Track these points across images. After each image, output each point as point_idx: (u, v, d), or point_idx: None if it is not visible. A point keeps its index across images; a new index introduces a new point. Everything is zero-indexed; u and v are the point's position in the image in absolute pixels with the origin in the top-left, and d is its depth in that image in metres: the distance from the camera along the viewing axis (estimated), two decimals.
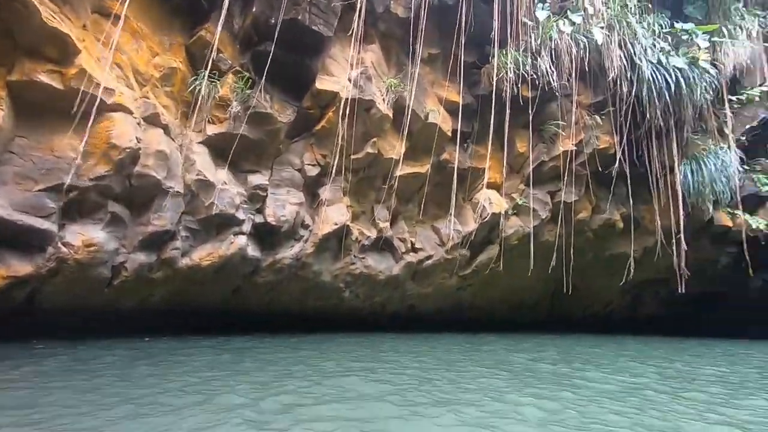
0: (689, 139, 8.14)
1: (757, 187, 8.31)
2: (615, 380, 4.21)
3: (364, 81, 6.63)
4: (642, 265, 8.83)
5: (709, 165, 8.03)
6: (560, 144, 7.86)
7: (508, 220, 8.04)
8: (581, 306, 9.94)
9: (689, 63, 7.61)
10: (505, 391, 3.57)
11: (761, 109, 8.33)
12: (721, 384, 4.20)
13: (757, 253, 8.29)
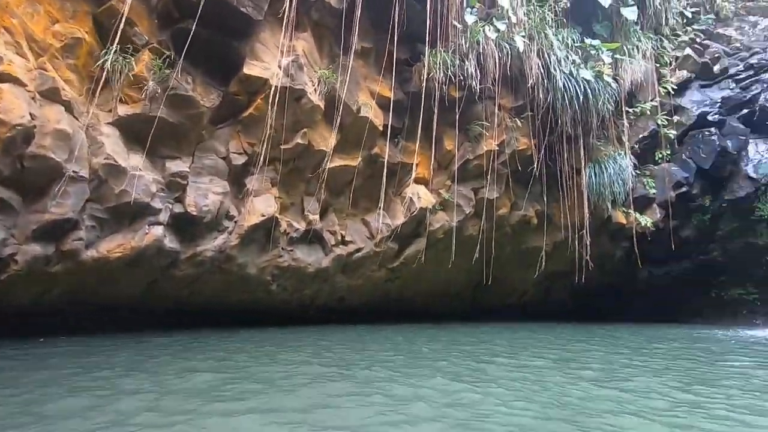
0: (593, 144, 8.71)
1: (646, 189, 9.11)
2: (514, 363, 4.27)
3: (295, 69, 6.22)
4: (553, 258, 9.33)
5: (609, 169, 8.64)
6: (484, 144, 8.01)
7: (435, 214, 8.06)
8: (501, 296, 10.31)
9: (595, 76, 8.10)
10: (418, 376, 3.46)
11: (651, 121, 9.12)
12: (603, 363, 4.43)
13: (644, 248, 9.09)
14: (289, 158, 6.62)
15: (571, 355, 4.96)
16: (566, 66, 7.94)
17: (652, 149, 9.22)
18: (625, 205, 8.96)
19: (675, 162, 9.09)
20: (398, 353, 4.89)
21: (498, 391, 3.10)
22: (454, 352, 4.98)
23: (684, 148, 9.08)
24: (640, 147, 9.11)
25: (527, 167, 8.37)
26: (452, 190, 8.14)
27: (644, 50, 8.72)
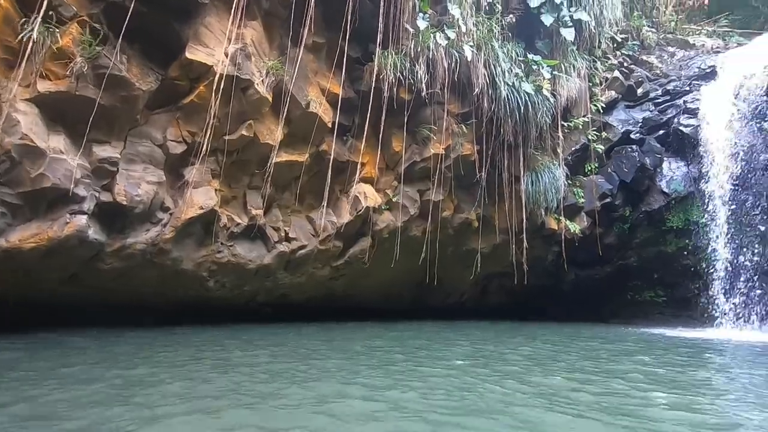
0: (532, 154, 9.10)
1: (576, 199, 9.68)
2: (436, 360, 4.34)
3: (242, 58, 5.92)
4: (490, 260, 9.65)
5: (545, 178, 9.08)
6: (431, 147, 8.10)
7: (381, 214, 8.04)
8: (443, 295, 10.51)
9: (535, 90, 8.47)
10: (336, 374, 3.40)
11: (582, 136, 9.71)
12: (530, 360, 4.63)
13: (572, 252, 9.67)
14: (232, 150, 6.30)
15: (486, 353, 5.04)
16: (510, 78, 8.23)
17: (582, 162, 9.81)
18: (557, 212, 9.45)
19: (602, 174, 9.74)
20: (333, 350, 4.78)
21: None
22: (381, 350, 4.93)
23: (610, 163, 9.75)
24: (572, 159, 9.66)
25: (470, 172, 8.58)
26: (399, 191, 8.16)
27: (579, 69, 9.25)
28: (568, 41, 8.90)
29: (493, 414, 2.56)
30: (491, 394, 3.00)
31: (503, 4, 8.46)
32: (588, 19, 9.02)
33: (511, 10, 8.65)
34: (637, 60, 10.49)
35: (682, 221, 9.46)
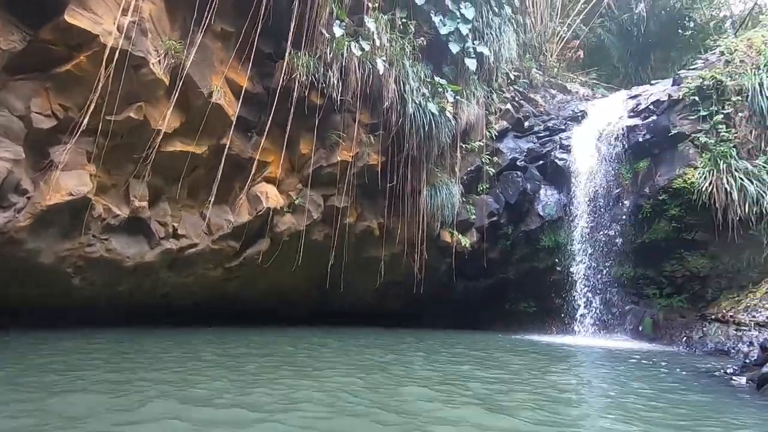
0: (432, 170, 9.59)
1: (468, 215, 10.42)
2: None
3: (137, 33, 5.30)
4: (390, 268, 9.88)
5: (442, 193, 9.62)
6: (339, 153, 8.08)
7: (283, 216, 7.76)
8: (342, 301, 10.44)
9: (439, 111, 8.96)
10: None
11: (477, 158, 10.51)
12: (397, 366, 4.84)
13: (461, 265, 10.34)
14: (116, 132, 5.56)
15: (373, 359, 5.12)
16: (417, 97, 8.60)
17: (476, 181, 10.60)
18: (451, 226, 10.05)
19: (491, 195, 10.62)
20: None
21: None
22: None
23: (498, 185, 10.70)
24: (468, 178, 10.40)
25: (375, 181, 8.73)
26: (303, 194, 7.97)
27: (478, 98, 10.04)
28: (470, 70, 9.61)
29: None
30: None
31: (416, 27, 8.85)
32: (488, 54, 9.85)
33: (422, 33, 9.08)
34: (526, 97, 11.73)
35: (553, 241, 10.71)
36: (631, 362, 5.77)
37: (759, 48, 8.52)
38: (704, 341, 7.89)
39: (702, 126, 8.72)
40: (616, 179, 10.04)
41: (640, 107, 10.06)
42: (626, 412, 3.07)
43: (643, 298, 9.78)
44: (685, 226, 8.85)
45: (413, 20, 8.79)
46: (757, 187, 7.74)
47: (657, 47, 14.95)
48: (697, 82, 8.89)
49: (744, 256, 8.20)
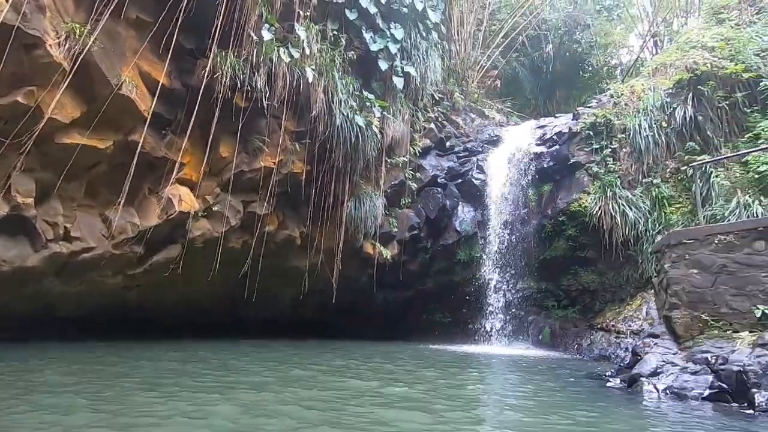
0: (357, 182, 9.70)
1: (390, 227, 10.68)
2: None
3: (32, 9, 4.72)
4: (310, 278, 9.72)
5: (366, 205, 9.76)
6: (262, 159, 7.84)
7: (198, 221, 7.31)
8: (260, 311, 10.01)
9: (366, 124, 9.13)
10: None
11: (401, 173, 10.86)
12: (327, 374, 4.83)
13: (382, 276, 10.52)
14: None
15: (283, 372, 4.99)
16: (345, 109, 8.68)
17: (398, 195, 10.92)
18: (374, 238, 10.21)
19: (412, 209, 11.00)
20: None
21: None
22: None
23: (419, 200, 11.13)
24: (391, 192, 10.67)
25: (298, 190, 8.60)
26: (222, 199, 7.59)
27: (404, 115, 10.42)
28: (398, 88, 9.95)
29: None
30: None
31: (347, 40, 8.97)
32: (415, 74, 10.29)
33: (353, 47, 9.24)
34: (448, 118, 12.41)
35: (468, 256, 11.35)
36: (530, 367, 6.29)
37: (639, 94, 9.94)
38: (591, 348, 8.83)
39: (594, 157, 9.89)
40: (524, 200, 10.97)
41: (546, 137, 11.15)
42: (520, 407, 3.36)
43: (544, 310, 10.71)
44: (579, 245, 9.90)
45: (344, 33, 8.92)
46: (635, 213, 8.94)
47: (562, 84, 16.75)
48: (591, 119, 10.09)
49: (624, 273, 9.37)
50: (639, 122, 9.37)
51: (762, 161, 7.50)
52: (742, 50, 8.69)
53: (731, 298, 4.30)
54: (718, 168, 8.13)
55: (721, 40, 9.05)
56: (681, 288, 4.64)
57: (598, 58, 16.34)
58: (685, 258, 4.67)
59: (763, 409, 3.45)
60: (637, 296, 8.92)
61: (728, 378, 3.85)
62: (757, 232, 4.27)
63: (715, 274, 4.46)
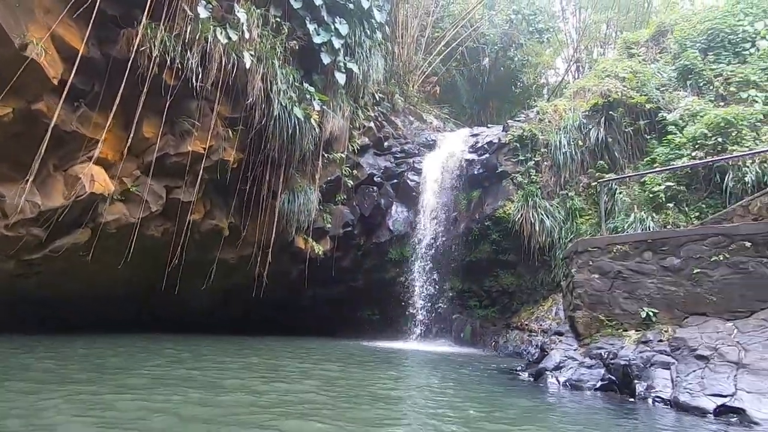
0: (293, 174, 9.52)
1: (324, 223, 10.61)
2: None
3: None
4: (237, 271, 9.36)
5: (300, 199, 9.61)
6: (190, 143, 7.41)
7: (112, 205, 6.73)
8: (180, 305, 9.41)
9: (305, 117, 8.99)
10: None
11: (338, 169, 10.84)
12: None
13: (313, 271, 10.43)
14: None
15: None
16: (284, 99, 8.48)
17: (334, 191, 10.89)
18: (306, 233, 10.08)
19: (347, 206, 11.04)
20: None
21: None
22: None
23: (355, 197, 11.19)
24: (327, 187, 10.61)
25: (229, 179, 8.25)
26: (141, 183, 7.05)
27: (344, 111, 10.41)
28: (339, 84, 9.91)
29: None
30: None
31: (290, 29, 8.77)
32: (357, 72, 10.32)
33: (296, 37, 9.05)
34: (387, 119, 12.61)
35: (399, 254, 11.62)
36: (449, 363, 6.61)
37: (561, 114, 10.85)
38: (507, 345, 9.49)
39: (520, 168, 10.62)
40: (454, 204, 11.48)
41: (478, 145, 11.76)
42: (438, 398, 3.55)
43: (467, 309, 11.28)
44: (502, 249, 10.58)
45: (287, 22, 8.71)
46: (552, 222, 9.75)
47: (496, 97, 17.76)
48: (519, 132, 10.83)
49: (539, 276, 10.17)
50: (559, 139, 10.22)
51: (655, 183, 8.56)
52: (646, 83, 9.84)
53: (623, 300, 4.88)
54: (621, 186, 9.13)
55: (630, 72, 10.17)
56: (584, 291, 5.17)
57: (529, 76, 17.55)
58: (589, 264, 5.21)
59: (642, 397, 3.96)
60: (549, 298, 9.73)
61: (616, 371, 4.37)
62: (647, 244, 4.89)
63: (612, 279, 5.03)
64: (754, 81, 8.88)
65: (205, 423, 2.60)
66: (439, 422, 2.99)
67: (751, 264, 4.19)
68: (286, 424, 2.65)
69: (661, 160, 8.59)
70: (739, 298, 4.19)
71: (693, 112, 8.73)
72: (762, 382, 3.44)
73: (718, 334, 4.01)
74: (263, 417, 2.79)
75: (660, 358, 4.13)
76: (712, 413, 3.44)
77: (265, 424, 2.63)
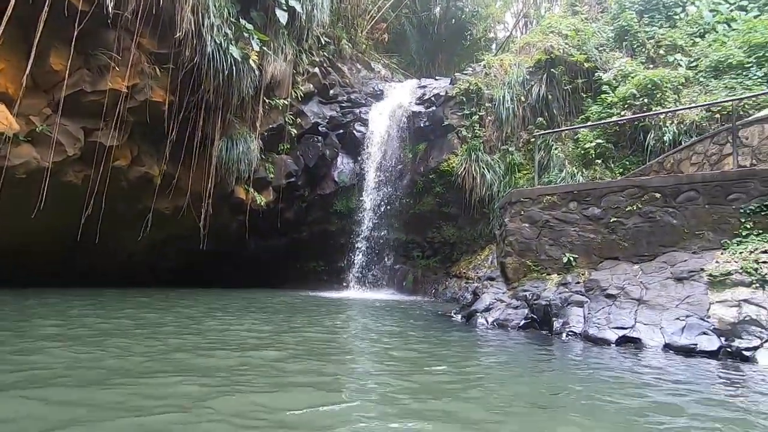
0: (231, 120, 8.95)
1: (267, 173, 10.23)
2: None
3: None
4: (172, 222, 8.88)
5: (240, 147, 9.12)
6: (110, 80, 6.66)
7: (18, 146, 5.99)
8: (106, 257, 8.83)
9: (243, 57, 8.34)
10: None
11: (281, 117, 10.33)
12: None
13: (255, 223, 10.16)
14: None
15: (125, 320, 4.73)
16: (219, 36, 7.78)
17: (277, 140, 10.43)
18: (247, 183, 9.69)
19: (291, 156, 10.67)
20: None
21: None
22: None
23: (299, 147, 10.82)
24: (269, 135, 10.13)
25: (159, 122, 7.60)
26: (52, 122, 6.30)
27: (287, 54, 9.78)
28: (281, 23, 9.22)
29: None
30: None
31: None
32: (300, 11, 9.63)
33: None
34: (334, 65, 12.05)
35: (345, 206, 11.59)
36: (391, 309, 6.88)
37: (507, 69, 10.94)
38: (446, 292, 9.99)
39: (465, 122, 10.73)
40: (401, 157, 11.48)
41: (425, 97, 11.66)
42: (376, 339, 3.69)
43: (410, 259, 11.65)
44: (444, 201, 10.85)
45: None
46: (492, 176, 10.08)
47: (445, 49, 17.48)
48: (465, 86, 10.82)
49: (479, 228, 10.63)
50: (503, 94, 10.36)
51: (587, 140, 9.02)
52: (586, 41, 10.09)
53: (549, 247, 5.23)
54: (557, 142, 9.54)
55: (573, 30, 10.35)
56: (515, 238, 5.46)
57: (478, 29, 17.36)
58: (521, 214, 5.48)
59: (558, 332, 4.37)
60: (486, 248, 10.25)
61: (538, 311, 4.75)
62: (573, 195, 5.21)
63: (540, 228, 5.34)
64: (680, 45, 9.39)
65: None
66: (374, 361, 3.11)
67: (658, 213, 4.61)
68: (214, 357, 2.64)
69: (595, 118, 9.02)
70: (646, 244, 4.63)
71: (625, 73, 9.13)
72: (657, 315, 3.90)
73: (626, 275, 4.44)
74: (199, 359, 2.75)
75: (576, 297, 4.53)
76: (614, 343, 3.87)
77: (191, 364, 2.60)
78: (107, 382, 2.27)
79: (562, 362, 3.32)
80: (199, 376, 2.44)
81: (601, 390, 2.44)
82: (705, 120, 7.80)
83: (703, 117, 7.82)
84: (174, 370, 2.54)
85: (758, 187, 4.23)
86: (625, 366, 3.12)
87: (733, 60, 8.23)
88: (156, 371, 2.51)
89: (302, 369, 2.70)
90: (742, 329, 3.53)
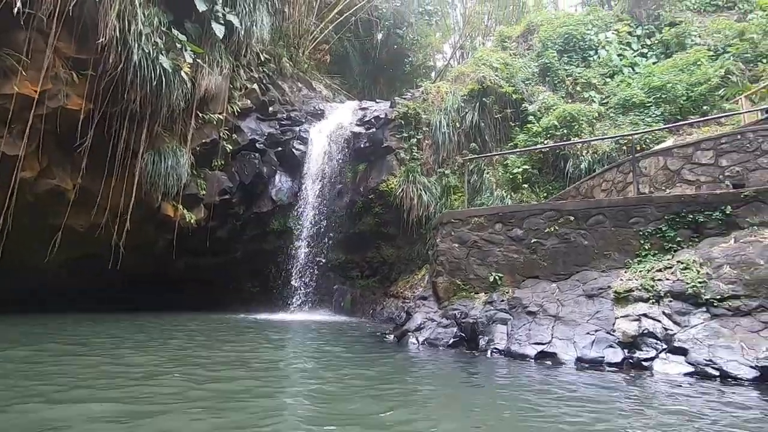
0: (159, 133, 8.48)
1: (198, 190, 9.76)
2: None
3: None
4: (85, 240, 8.14)
5: (168, 161, 8.64)
6: (17, 84, 6.08)
7: None
8: (10, 280, 7.83)
9: (173, 68, 8.00)
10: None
11: (215, 132, 9.97)
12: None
13: (184, 241, 9.60)
14: None
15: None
16: (147, 45, 7.42)
17: (210, 156, 10.03)
18: (175, 199, 9.17)
19: (225, 172, 10.29)
20: None
21: None
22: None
23: (234, 163, 10.48)
24: (201, 150, 9.71)
25: (74, 132, 7.02)
26: None
27: (223, 68, 9.53)
28: (217, 36, 9.01)
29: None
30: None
31: None
32: (239, 26, 9.48)
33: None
34: (274, 82, 11.94)
35: (282, 225, 11.32)
36: (326, 331, 6.75)
37: (443, 95, 11.48)
38: (383, 312, 10.00)
39: (403, 144, 11.02)
40: (340, 176, 11.50)
41: (366, 119, 11.85)
42: (309, 361, 3.57)
43: (349, 279, 11.56)
44: (383, 221, 10.98)
45: None
46: (429, 197, 10.39)
47: (386, 74, 18.02)
48: (404, 109, 11.18)
49: (416, 248, 10.84)
50: (440, 119, 10.83)
51: (515, 165, 9.64)
52: (515, 75, 10.90)
53: (477, 267, 5.46)
54: (488, 167, 10.09)
55: (502, 63, 11.14)
56: (446, 258, 5.64)
57: (418, 57, 18.14)
58: (451, 234, 5.68)
59: (483, 350, 4.52)
60: (423, 268, 10.45)
61: (466, 329, 4.90)
62: (498, 217, 5.51)
63: (469, 248, 5.57)
64: (594, 83, 10.44)
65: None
66: (297, 385, 3.01)
67: (572, 235, 5.00)
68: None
69: (521, 145, 9.68)
70: (562, 264, 4.99)
71: (548, 105, 9.95)
72: (571, 330, 4.18)
73: (545, 293, 4.74)
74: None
75: (500, 315, 4.73)
76: (533, 358, 4.08)
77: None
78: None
79: (487, 379, 3.42)
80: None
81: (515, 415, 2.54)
82: (615, 151, 8.68)
83: (613, 148, 8.69)
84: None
85: (654, 212, 4.75)
86: (536, 379, 3.29)
87: (636, 99, 9.28)
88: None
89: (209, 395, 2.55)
90: (642, 341, 3.88)
